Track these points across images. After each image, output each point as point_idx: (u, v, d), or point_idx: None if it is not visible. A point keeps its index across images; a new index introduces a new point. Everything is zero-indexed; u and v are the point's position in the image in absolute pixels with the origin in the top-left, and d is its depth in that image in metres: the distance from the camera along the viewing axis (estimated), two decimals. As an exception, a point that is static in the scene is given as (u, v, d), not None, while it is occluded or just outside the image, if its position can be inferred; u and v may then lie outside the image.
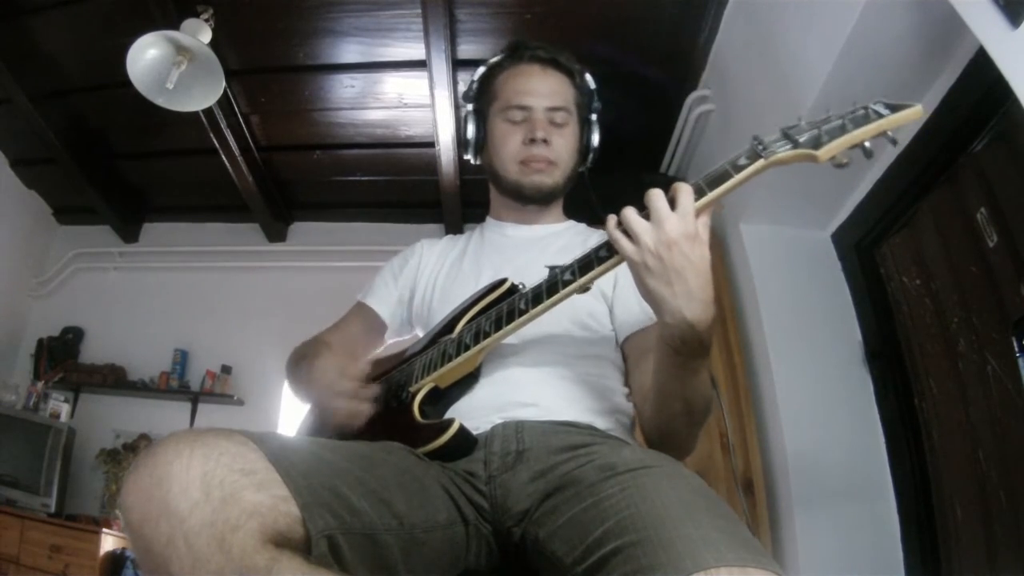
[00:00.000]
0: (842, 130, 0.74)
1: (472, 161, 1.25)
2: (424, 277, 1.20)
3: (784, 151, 0.75)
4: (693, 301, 0.75)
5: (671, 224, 0.74)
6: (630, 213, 0.77)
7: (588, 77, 1.23)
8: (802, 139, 0.75)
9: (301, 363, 1.09)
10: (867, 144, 0.74)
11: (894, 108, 0.74)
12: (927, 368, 1.93)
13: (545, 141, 1.12)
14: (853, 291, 2.25)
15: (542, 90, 1.15)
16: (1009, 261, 1.56)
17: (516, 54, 1.19)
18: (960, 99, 1.65)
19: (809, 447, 2.06)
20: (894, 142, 0.75)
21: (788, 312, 2.25)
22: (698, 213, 0.76)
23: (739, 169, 0.76)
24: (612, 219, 0.79)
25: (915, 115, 0.74)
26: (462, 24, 2.51)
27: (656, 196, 0.76)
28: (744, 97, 2.35)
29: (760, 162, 0.76)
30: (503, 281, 1.01)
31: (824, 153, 0.74)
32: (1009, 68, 1.20)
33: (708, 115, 2.64)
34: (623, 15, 2.46)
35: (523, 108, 1.14)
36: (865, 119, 0.74)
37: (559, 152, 1.14)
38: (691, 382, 0.84)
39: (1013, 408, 1.56)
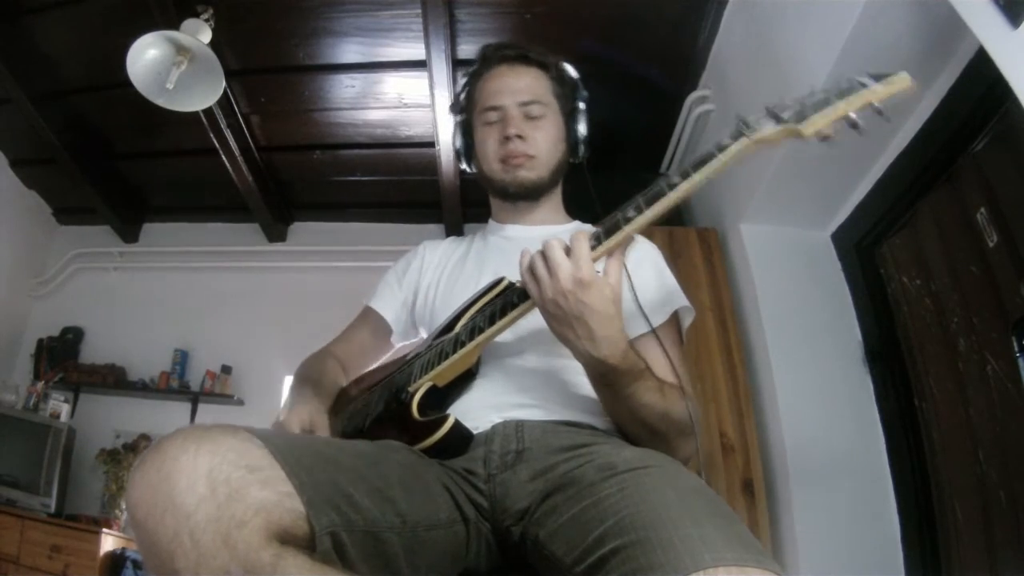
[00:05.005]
0: (827, 103, 0.73)
1: (469, 170, 1.26)
2: (426, 279, 1.20)
3: (768, 129, 0.74)
4: (596, 341, 0.80)
5: (564, 273, 0.77)
6: (536, 260, 0.81)
7: (567, 67, 1.21)
8: (785, 115, 0.74)
9: (296, 388, 1.09)
10: (853, 115, 0.72)
11: (880, 79, 0.73)
12: (927, 368, 1.93)
13: (520, 136, 1.11)
14: (853, 291, 2.25)
15: (513, 87, 1.15)
16: (1009, 261, 1.56)
17: (487, 59, 1.20)
18: (960, 99, 1.65)
19: (809, 447, 2.07)
20: (880, 112, 0.73)
21: (788, 312, 2.25)
22: (610, 252, 0.80)
23: (722, 149, 0.76)
24: (525, 260, 0.83)
25: (902, 84, 0.72)
26: (462, 24, 2.51)
27: (550, 246, 0.79)
28: (744, 97, 2.35)
29: (743, 141, 0.75)
30: (501, 280, 1.01)
31: (809, 127, 0.72)
32: (1009, 68, 1.20)
33: (708, 115, 2.64)
34: (623, 15, 2.46)
35: (496, 108, 1.14)
36: (850, 91, 0.73)
37: (538, 145, 1.13)
38: (633, 405, 0.87)
39: (1013, 408, 1.56)
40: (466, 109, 1.23)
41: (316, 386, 1.06)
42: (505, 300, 0.91)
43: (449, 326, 1.02)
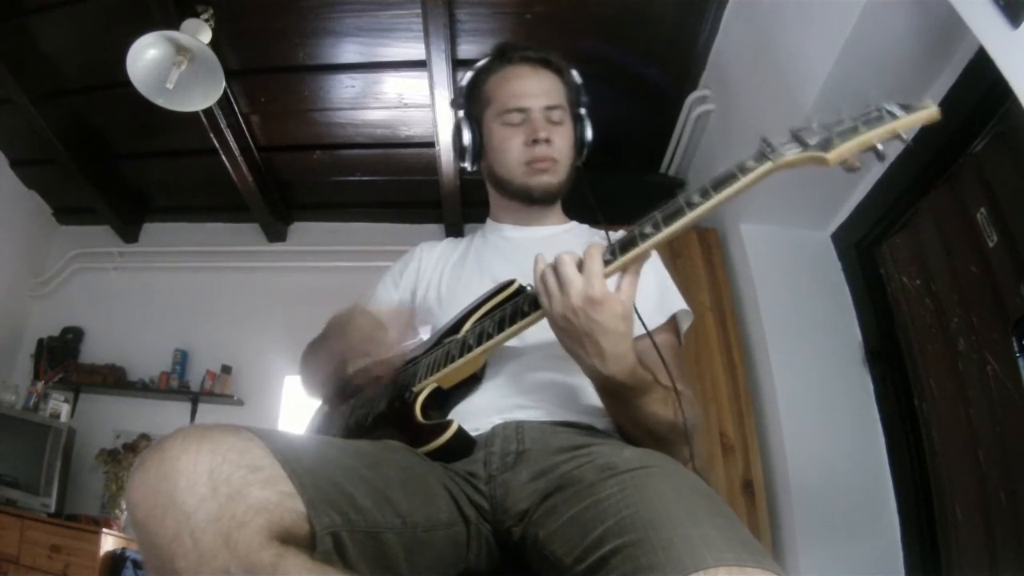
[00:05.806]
0: (854, 132, 0.70)
1: (469, 168, 1.24)
2: (424, 280, 1.20)
3: (792, 153, 0.73)
4: (605, 359, 0.80)
5: (575, 290, 0.77)
6: (548, 273, 0.80)
7: (574, 72, 1.22)
8: (812, 141, 0.72)
9: (320, 343, 1.10)
10: (879, 147, 0.71)
11: (909, 109, 0.71)
12: (927, 368, 1.93)
13: (547, 141, 1.12)
14: (853, 291, 2.25)
15: (537, 90, 1.15)
16: (1009, 261, 1.57)
17: (505, 56, 1.19)
18: (960, 99, 1.66)
19: (809, 447, 2.07)
20: (906, 142, 0.72)
21: (788, 312, 2.25)
22: (624, 268, 0.79)
23: (746, 172, 0.75)
24: (540, 268, 0.82)
25: (931, 116, 0.71)
26: (462, 24, 2.51)
27: (562, 261, 0.79)
28: (744, 97, 2.35)
29: (767, 164, 0.74)
30: (511, 282, 1.00)
31: (834, 156, 0.71)
32: (1009, 68, 1.20)
33: (708, 115, 2.64)
34: (623, 15, 2.47)
35: (521, 110, 1.14)
36: (879, 120, 0.71)
37: (561, 150, 1.14)
38: (638, 415, 0.88)
39: (1013, 408, 1.56)
40: (474, 105, 1.21)
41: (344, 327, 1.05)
42: (515, 307, 0.90)
43: (455, 327, 1.01)
